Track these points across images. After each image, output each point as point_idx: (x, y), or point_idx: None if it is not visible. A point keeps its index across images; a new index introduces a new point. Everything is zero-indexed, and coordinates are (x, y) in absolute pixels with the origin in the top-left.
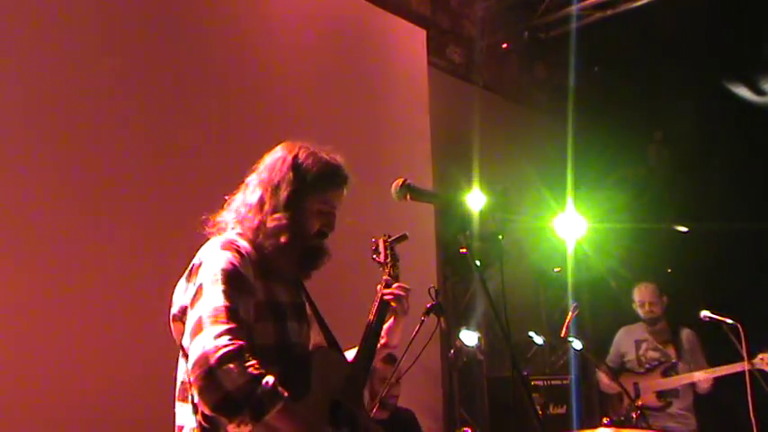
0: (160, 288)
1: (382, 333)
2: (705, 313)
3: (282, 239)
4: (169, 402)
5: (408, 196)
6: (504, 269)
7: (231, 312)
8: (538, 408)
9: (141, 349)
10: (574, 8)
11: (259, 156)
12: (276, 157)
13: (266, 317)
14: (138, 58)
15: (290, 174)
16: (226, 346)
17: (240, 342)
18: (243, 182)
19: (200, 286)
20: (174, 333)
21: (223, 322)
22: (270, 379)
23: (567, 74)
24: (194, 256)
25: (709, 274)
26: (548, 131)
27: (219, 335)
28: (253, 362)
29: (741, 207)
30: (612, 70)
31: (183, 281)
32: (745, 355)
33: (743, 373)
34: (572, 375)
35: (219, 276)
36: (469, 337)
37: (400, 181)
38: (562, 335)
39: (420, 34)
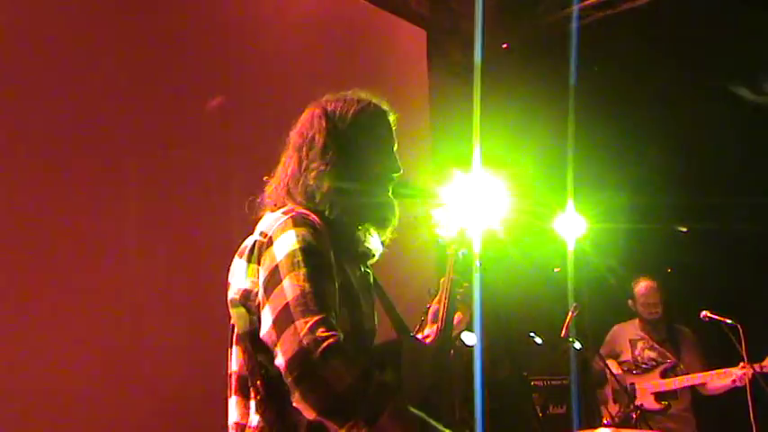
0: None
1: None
2: (705, 313)
3: (327, 186)
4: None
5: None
6: (504, 269)
7: (321, 298)
8: (537, 408)
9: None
10: (574, 8)
11: (259, 155)
12: (305, 117)
13: (343, 302)
14: (140, 60)
15: (323, 121)
16: (327, 339)
17: (339, 333)
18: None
19: (276, 269)
20: (233, 318)
21: (315, 312)
22: (377, 372)
23: (567, 74)
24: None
25: (709, 274)
26: (548, 131)
27: (314, 325)
28: (356, 355)
29: (742, 207)
30: (612, 70)
31: (241, 261)
32: (744, 355)
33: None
34: (572, 375)
35: (300, 257)
36: (469, 337)
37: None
38: (562, 335)
39: (420, 34)
